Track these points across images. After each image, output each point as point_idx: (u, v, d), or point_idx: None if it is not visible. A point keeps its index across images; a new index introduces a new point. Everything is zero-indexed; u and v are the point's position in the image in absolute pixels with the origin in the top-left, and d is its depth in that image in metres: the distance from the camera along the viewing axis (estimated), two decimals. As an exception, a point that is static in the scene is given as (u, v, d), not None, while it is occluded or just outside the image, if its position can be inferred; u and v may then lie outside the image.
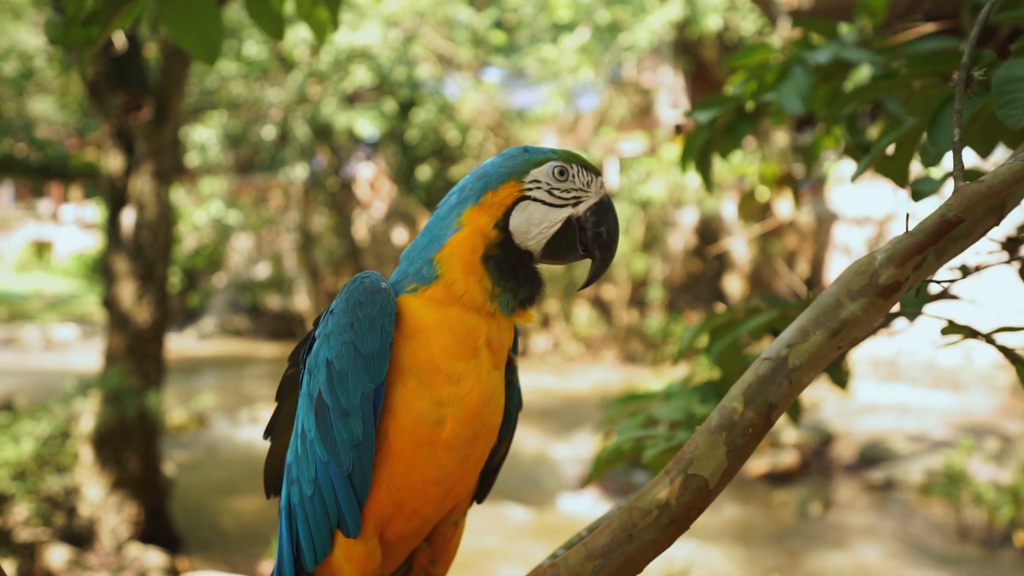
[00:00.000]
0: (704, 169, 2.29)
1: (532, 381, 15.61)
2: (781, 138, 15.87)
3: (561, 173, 1.15)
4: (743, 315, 2.05)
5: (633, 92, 17.73)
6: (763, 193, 3.71)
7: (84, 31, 1.79)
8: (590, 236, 1.16)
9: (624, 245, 17.05)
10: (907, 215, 0.99)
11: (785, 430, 10.77)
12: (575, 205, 1.15)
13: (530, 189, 1.14)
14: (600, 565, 0.93)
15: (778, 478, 9.88)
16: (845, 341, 0.95)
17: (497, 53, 17.83)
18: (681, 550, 7.98)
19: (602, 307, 18.39)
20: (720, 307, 2.25)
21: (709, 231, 17.15)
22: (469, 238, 1.12)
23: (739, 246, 17.06)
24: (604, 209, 1.17)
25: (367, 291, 1.09)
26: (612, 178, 18.83)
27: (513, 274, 1.13)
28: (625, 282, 17.49)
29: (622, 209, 16.72)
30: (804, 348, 0.95)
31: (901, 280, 0.95)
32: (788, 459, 10.06)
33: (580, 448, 11.01)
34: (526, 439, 11.77)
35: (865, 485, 9.51)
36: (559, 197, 1.15)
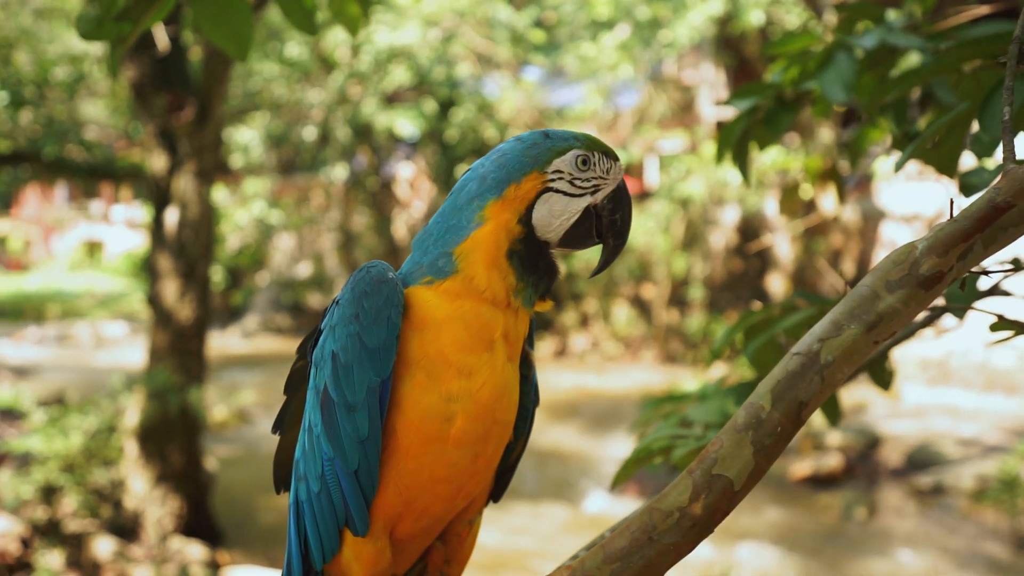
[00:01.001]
0: (741, 161, 2.21)
1: (571, 380, 15.53)
2: (826, 133, 15.51)
3: (584, 163, 1.11)
4: (780, 313, 1.98)
5: (673, 89, 17.52)
6: (806, 189, 3.60)
7: (116, 27, 1.80)
8: (605, 223, 1.13)
9: (664, 244, 16.87)
10: (951, 201, 0.92)
11: (829, 432, 10.53)
12: (593, 193, 1.12)
13: (552, 180, 1.10)
14: (618, 569, 0.89)
15: (821, 481, 9.66)
16: (882, 336, 0.89)
17: (536, 51, 17.78)
18: (720, 553, 7.87)
19: (641, 306, 18.22)
20: (757, 305, 2.17)
21: (751, 229, 16.85)
22: (493, 234, 1.08)
23: (782, 244, 16.73)
24: (620, 196, 1.14)
25: (373, 281, 1.05)
26: (652, 176, 18.64)
27: (535, 267, 1.10)
28: (665, 281, 17.29)
29: (661, 207, 16.55)
30: (837, 343, 0.89)
31: (944, 271, 0.89)
32: (832, 462, 9.83)
33: (618, 448, 10.93)
34: (564, 438, 11.71)
35: (913, 490, 9.24)
36: (579, 187, 1.12)
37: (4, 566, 6.70)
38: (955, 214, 0.91)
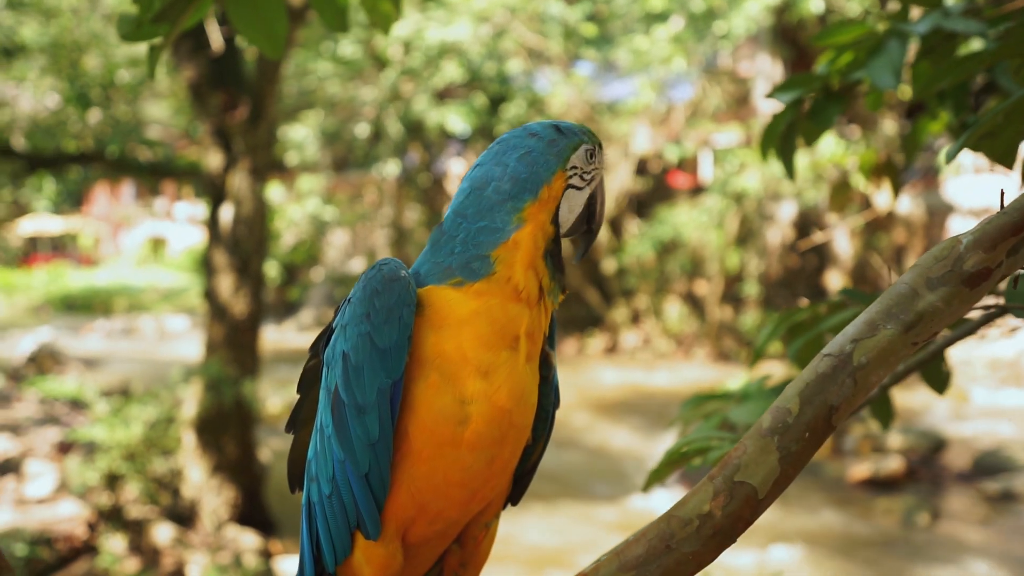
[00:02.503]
0: (786, 156, 2.13)
1: (621, 377, 15.41)
2: (890, 126, 14.99)
3: (591, 156, 1.12)
4: (826, 311, 1.90)
5: (728, 82, 17.17)
6: (860, 183, 3.47)
7: (154, 29, 1.83)
8: (594, 213, 1.15)
9: (717, 239, 16.58)
10: (1001, 192, 0.86)
11: (890, 434, 10.21)
12: (591, 183, 1.13)
13: (571, 177, 1.11)
14: (634, 578, 0.85)
15: (881, 484, 9.37)
16: (922, 336, 0.83)
17: (588, 45, 17.64)
18: (773, 555, 7.69)
19: (694, 303, 17.94)
20: (804, 302, 2.09)
21: (809, 224, 16.42)
22: (532, 236, 1.07)
23: (841, 240, 16.26)
24: (601, 185, 1.16)
25: (385, 279, 1.03)
26: (706, 171, 18.32)
27: (560, 264, 1.10)
28: (718, 277, 16.99)
29: (715, 202, 16.26)
30: (872, 343, 0.83)
31: (991, 267, 0.82)
32: (893, 465, 9.52)
33: (668, 446, 10.79)
34: (614, 436, 11.63)
35: (980, 496, 8.89)
36: (585, 180, 1.12)
37: (72, 548, 6.99)
38: (1005, 205, 0.84)
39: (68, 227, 29.58)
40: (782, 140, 2.11)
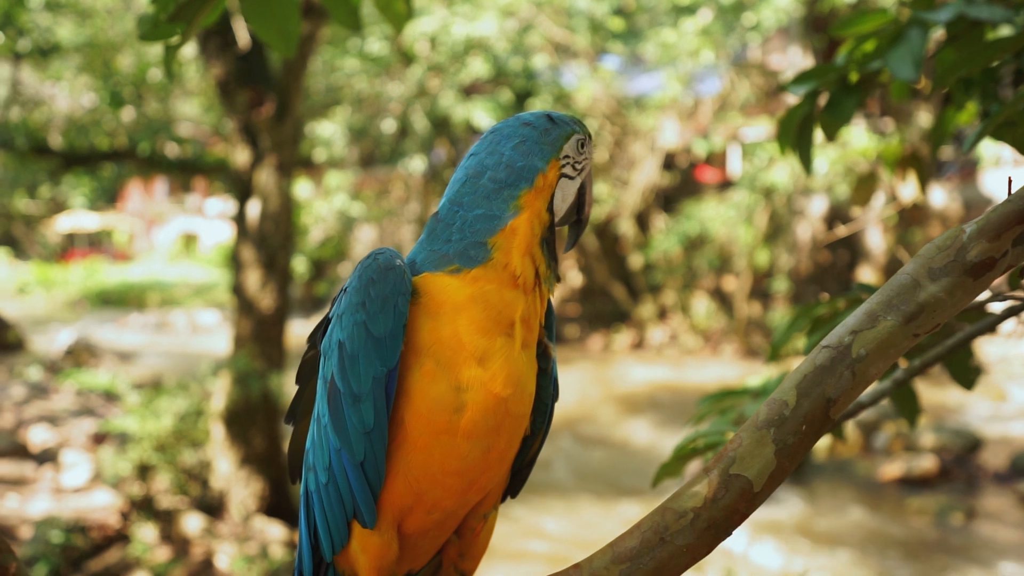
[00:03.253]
0: (803, 150, 2.10)
1: (647, 373, 15.32)
2: (924, 118, 14.67)
3: (582, 146, 1.13)
4: (846, 306, 1.87)
5: (757, 74, 16.94)
6: (886, 176, 3.40)
7: (170, 28, 1.85)
8: (582, 201, 1.16)
9: (746, 235, 16.39)
10: (1009, 180, 0.83)
11: (923, 431, 10.02)
12: (581, 173, 1.15)
13: (564, 166, 1.12)
14: (627, 570, 0.84)
15: (913, 483, 9.21)
16: (924, 328, 0.81)
17: (615, 39, 17.53)
18: (800, 554, 7.60)
19: (722, 299, 17.77)
20: (824, 297, 2.06)
21: (840, 219, 16.16)
22: (528, 223, 1.08)
23: (873, 235, 15.97)
24: (590, 174, 1.17)
25: (380, 268, 1.04)
26: (734, 165, 18.12)
27: (554, 252, 1.12)
28: (746, 273, 16.80)
29: (743, 197, 16.08)
30: (872, 335, 0.82)
31: (996, 256, 0.80)
32: (926, 463, 9.34)
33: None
34: (638, 432, 11.58)
35: (1017, 497, 8.70)
36: (577, 169, 1.14)
37: (106, 537, 7.15)
38: (1011, 194, 0.82)
39: (104, 223, 30.15)
40: (798, 134, 2.08)
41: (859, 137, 13.89)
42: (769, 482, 0.82)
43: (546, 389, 1.17)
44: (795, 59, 17.04)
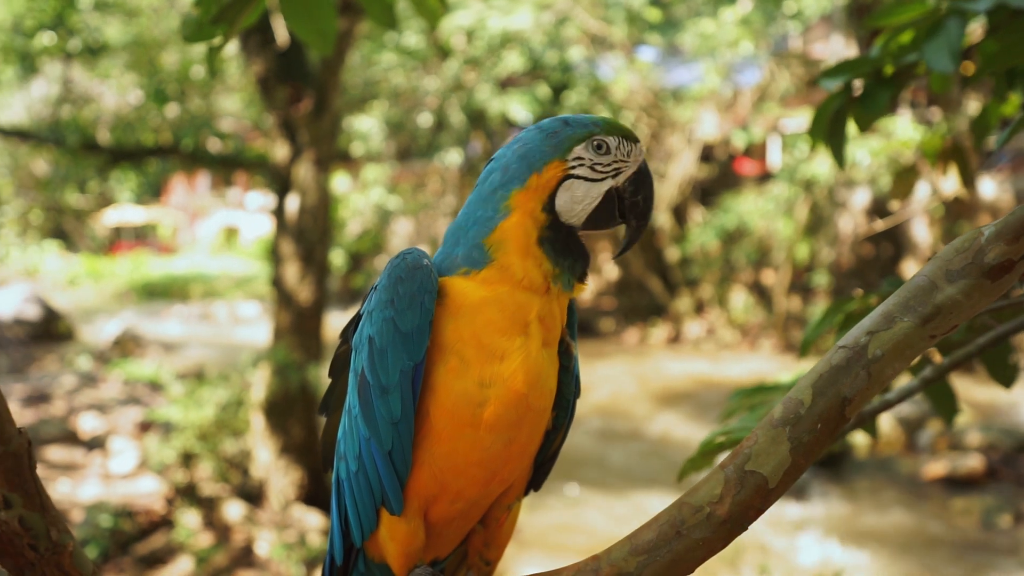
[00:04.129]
0: (835, 144, 2.08)
1: (684, 368, 15.22)
2: (974, 107, 14.26)
3: (600, 147, 1.13)
4: (877, 302, 1.85)
5: (797, 65, 16.64)
6: (936, 168, 3.34)
7: (213, 30, 1.92)
8: (627, 205, 1.15)
9: (785, 227, 16.15)
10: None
11: (969, 430, 9.79)
12: (615, 176, 1.14)
13: (573, 167, 1.12)
14: (645, 561, 0.87)
15: (958, 483, 9.00)
16: (940, 330, 0.81)
17: (652, 30, 17.37)
18: (838, 553, 7.50)
19: (760, 293, 17.55)
20: (858, 293, 2.04)
21: (884, 212, 15.82)
22: (520, 223, 1.10)
23: (919, 228, 15.60)
24: (642, 177, 1.15)
25: (408, 268, 1.08)
26: (774, 157, 17.84)
27: (568, 251, 1.12)
28: (786, 266, 16.55)
29: (782, 190, 15.82)
30: (887, 336, 0.83)
31: (1014, 259, 0.80)
32: (971, 463, 9.13)
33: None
34: (674, 426, 11.51)
35: (1070, 499, 8.46)
36: (600, 171, 1.13)
37: (151, 522, 7.37)
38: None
39: (149, 217, 30.86)
40: (831, 127, 2.06)
41: (904, 127, 13.57)
42: (784, 479, 0.84)
43: (568, 386, 1.20)
44: (838, 48, 16.69)
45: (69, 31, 12.12)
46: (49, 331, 15.27)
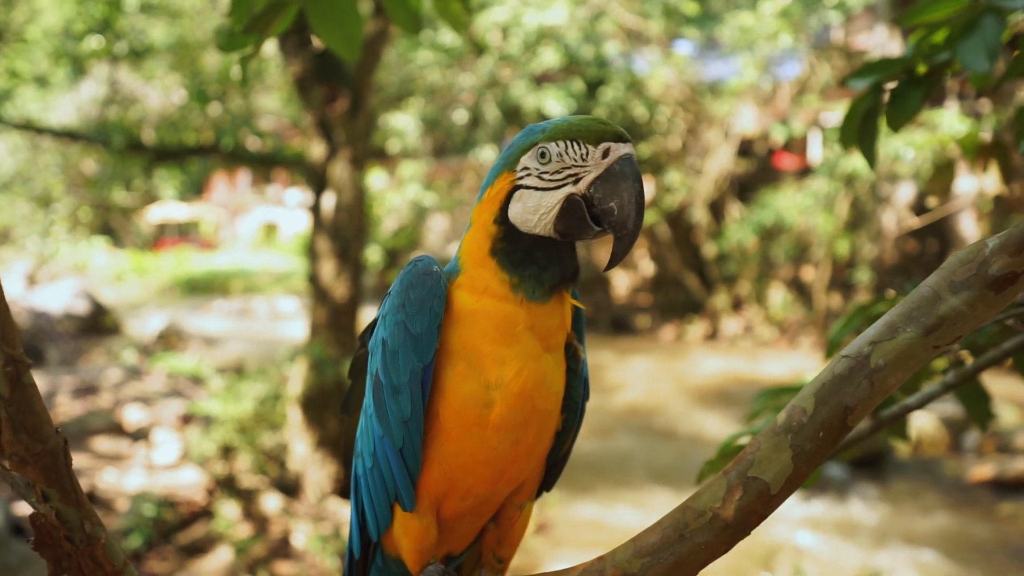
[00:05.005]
0: (866, 145, 2.05)
1: (720, 365, 15.07)
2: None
3: (542, 155, 1.10)
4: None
5: (839, 57, 16.32)
6: (975, 165, 3.27)
7: (245, 39, 1.98)
8: (599, 212, 1.09)
9: (826, 223, 15.86)
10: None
11: (1019, 433, 9.53)
12: (576, 182, 1.10)
13: (522, 177, 1.12)
14: (648, 563, 0.89)
15: (1007, 486, 8.78)
16: (944, 340, 0.82)
17: (689, 24, 17.19)
18: (879, 556, 7.37)
19: (799, 289, 17.28)
20: (890, 293, 2.02)
21: (929, 208, 15.44)
22: (476, 235, 1.14)
23: (966, 222, 15.20)
24: (611, 182, 1.08)
25: (419, 274, 1.13)
26: (814, 151, 17.52)
27: (530, 261, 1.11)
28: (826, 263, 16.27)
29: (821, 185, 15.53)
30: (890, 346, 0.83)
31: (1017, 271, 0.80)
32: (1020, 466, 8.89)
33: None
34: (709, 424, 11.42)
35: (1124, 504, 8.20)
36: (548, 180, 1.10)
37: (192, 512, 7.56)
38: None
39: (192, 214, 31.53)
40: (861, 127, 2.03)
41: (950, 121, 13.22)
42: (786, 485, 0.85)
43: (576, 389, 1.22)
44: (881, 39, 16.32)
45: (116, 34, 12.45)
46: (97, 325, 15.73)
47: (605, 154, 1.08)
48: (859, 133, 2.05)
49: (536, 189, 1.11)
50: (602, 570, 0.93)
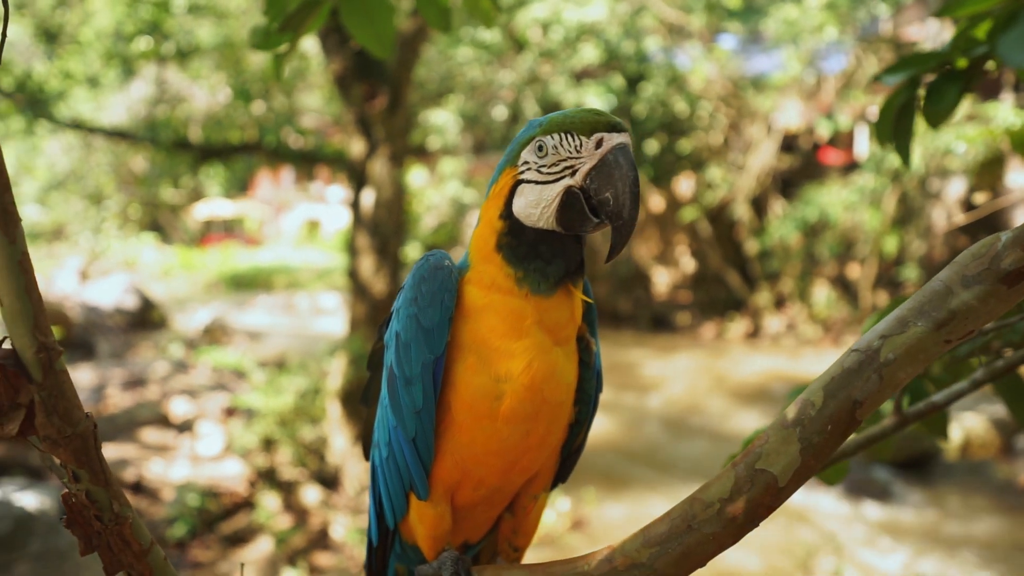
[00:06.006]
0: (900, 142, 2.01)
1: (762, 364, 14.86)
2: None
3: (539, 149, 1.11)
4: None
5: (887, 49, 15.92)
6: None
7: (279, 38, 2.03)
8: (596, 204, 1.09)
9: (872, 220, 15.52)
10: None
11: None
12: (573, 174, 1.10)
13: (523, 172, 1.12)
14: (657, 553, 0.90)
15: (1057, 491, 8.50)
16: (955, 335, 0.81)
17: (732, 18, 16.95)
18: (924, 561, 7.20)
19: (844, 287, 16.93)
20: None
21: (977, 204, 14.99)
22: (482, 230, 1.15)
23: (1022, 218, 14.71)
24: (605, 172, 1.08)
25: (430, 268, 1.15)
26: (861, 146, 17.14)
27: (534, 255, 1.11)
28: (872, 260, 15.92)
29: (867, 180, 15.18)
30: (900, 340, 0.83)
31: (1032, 265, 0.79)
32: (1075, 470, 8.62)
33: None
34: (750, 423, 11.27)
35: None
36: (547, 173, 1.11)
37: (235, 503, 7.74)
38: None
39: (237, 211, 32.18)
40: (896, 124, 1.99)
41: (1004, 113, 12.80)
42: (794, 478, 0.86)
43: (589, 381, 1.24)
44: (932, 31, 15.88)
45: (163, 35, 12.79)
46: (145, 319, 16.19)
47: (598, 144, 1.08)
48: (894, 129, 2.01)
49: (536, 183, 1.11)
50: (612, 559, 0.95)
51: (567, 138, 1.10)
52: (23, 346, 0.81)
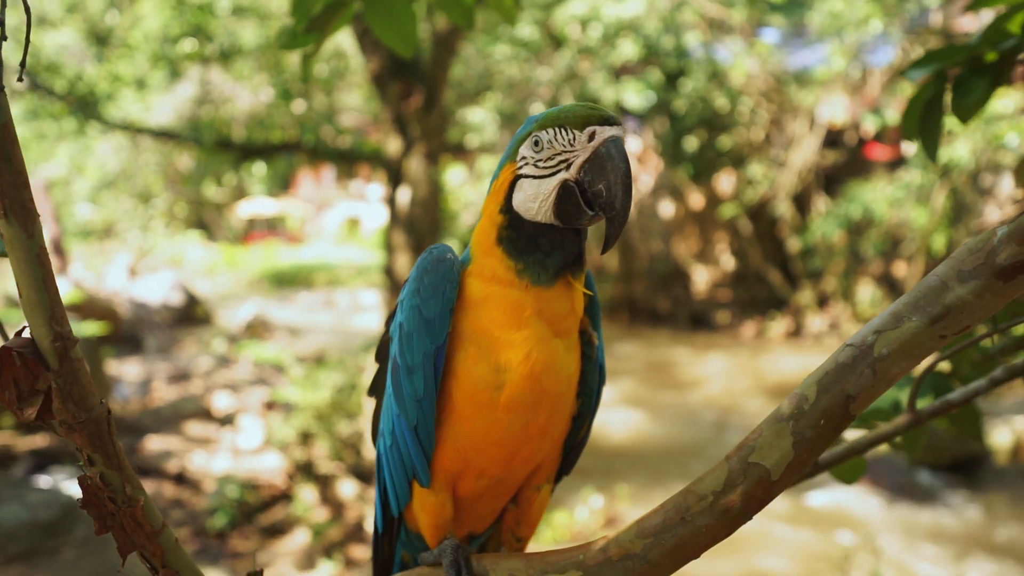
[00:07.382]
0: (927, 138, 1.97)
1: (804, 363, 14.61)
2: None
3: (536, 144, 1.13)
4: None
5: (936, 41, 15.49)
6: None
7: (306, 38, 2.08)
8: (590, 196, 1.10)
9: (919, 217, 15.12)
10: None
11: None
12: (568, 168, 1.11)
13: (521, 167, 1.14)
14: (651, 544, 0.91)
15: (1116, 498, 8.20)
16: (950, 330, 0.80)
17: (774, 11, 16.67)
18: (970, 565, 7.01)
19: (890, 285, 16.54)
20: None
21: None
22: (484, 225, 1.18)
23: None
24: (597, 165, 1.09)
25: (433, 261, 1.18)
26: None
27: (533, 247, 1.13)
28: (919, 258, 15.51)
29: (914, 176, 14.80)
30: (895, 335, 0.82)
31: (1028, 260, 0.78)
32: None
33: (847, 435, 10.09)
34: (789, 424, 11.11)
35: None
36: (544, 167, 1.12)
37: (273, 495, 7.91)
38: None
39: (279, 209, 32.75)
40: (923, 119, 1.96)
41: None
42: (787, 472, 0.86)
43: (591, 374, 1.25)
44: (986, 20, 15.38)
45: (207, 37, 13.08)
46: (190, 315, 16.61)
47: (591, 138, 1.10)
48: (920, 124, 1.97)
49: (534, 178, 1.13)
50: (606, 548, 0.96)
51: (561, 132, 1.12)
52: (40, 335, 0.85)
